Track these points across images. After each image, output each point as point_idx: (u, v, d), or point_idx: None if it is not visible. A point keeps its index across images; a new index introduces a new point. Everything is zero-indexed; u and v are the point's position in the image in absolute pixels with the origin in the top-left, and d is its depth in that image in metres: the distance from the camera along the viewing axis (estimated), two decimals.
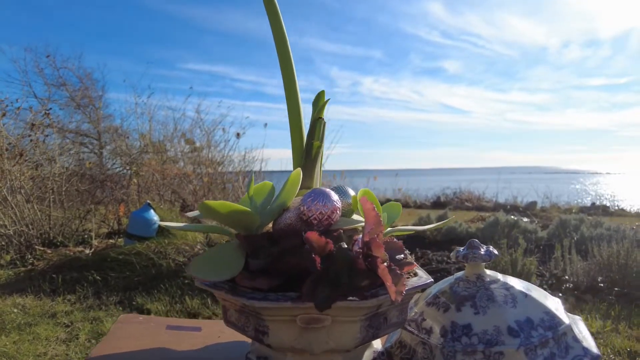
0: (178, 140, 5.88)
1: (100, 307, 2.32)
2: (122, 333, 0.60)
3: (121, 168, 5.53)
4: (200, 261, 0.45)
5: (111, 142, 6.28)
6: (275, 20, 0.59)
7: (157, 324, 0.64)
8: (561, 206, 8.26)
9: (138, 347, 0.56)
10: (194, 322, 0.66)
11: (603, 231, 2.92)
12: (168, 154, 5.68)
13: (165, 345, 0.57)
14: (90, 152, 6.68)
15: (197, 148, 5.75)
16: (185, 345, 0.58)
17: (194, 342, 0.59)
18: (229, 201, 0.45)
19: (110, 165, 6.14)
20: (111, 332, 0.59)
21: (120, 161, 5.71)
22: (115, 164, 6.05)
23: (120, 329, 0.61)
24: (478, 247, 0.54)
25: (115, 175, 4.41)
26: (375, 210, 0.45)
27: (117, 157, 5.99)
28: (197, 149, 5.75)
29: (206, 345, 0.58)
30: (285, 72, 0.60)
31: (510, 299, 0.50)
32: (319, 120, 0.59)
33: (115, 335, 0.58)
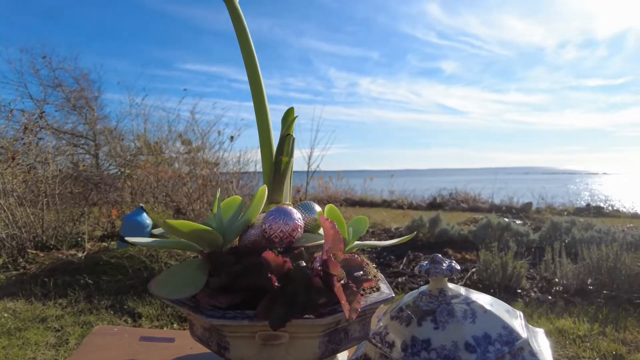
0: (173, 142, 5.89)
1: (92, 311, 2.32)
2: (95, 344, 0.60)
3: (116, 170, 5.54)
4: (163, 278, 0.46)
5: (106, 143, 6.28)
6: (242, 36, 0.60)
7: (130, 335, 0.65)
8: (556, 207, 8.29)
9: (108, 359, 0.57)
10: (167, 332, 0.67)
11: (594, 234, 2.94)
12: (164, 155, 5.68)
13: (135, 356, 0.58)
14: (86, 154, 6.68)
15: (193, 149, 5.76)
16: (155, 357, 0.59)
17: (165, 354, 0.60)
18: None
19: (105, 167, 6.14)
20: (84, 344, 0.60)
21: (115, 163, 5.72)
22: (111, 166, 6.06)
23: (94, 340, 0.61)
24: (440, 262, 0.55)
25: (109, 177, 4.41)
26: (335, 228, 0.46)
27: (112, 158, 5.99)
28: (193, 149, 5.76)
29: (177, 357, 0.59)
30: (254, 88, 0.61)
31: (470, 314, 0.51)
32: (287, 137, 0.61)
33: (87, 347, 0.59)
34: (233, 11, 0.58)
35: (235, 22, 0.59)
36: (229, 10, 0.59)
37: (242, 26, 0.59)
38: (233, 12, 0.58)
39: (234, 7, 0.58)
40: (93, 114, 7.18)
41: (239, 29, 0.59)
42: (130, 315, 2.27)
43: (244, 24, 0.59)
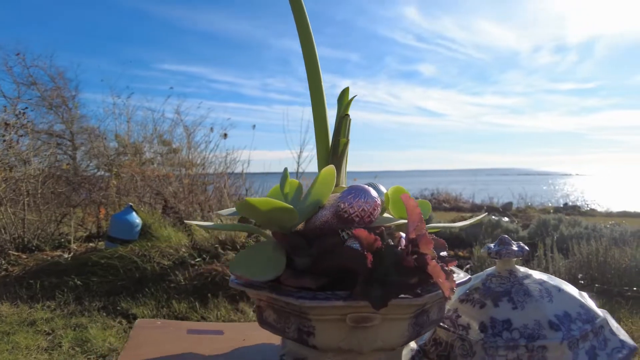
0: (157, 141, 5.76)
1: (83, 313, 2.24)
2: (143, 339, 0.57)
3: (96, 169, 5.37)
4: (242, 260, 0.43)
5: (87, 143, 6.09)
6: (301, 20, 0.58)
7: (176, 328, 0.62)
8: (536, 207, 8.50)
9: (162, 354, 0.53)
10: (214, 325, 0.64)
11: (581, 230, 3.01)
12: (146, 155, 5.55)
13: (189, 350, 0.55)
14: (63, 154, 6.46)
15: (174, 149, 5.65)
16: (209, 349, 0.56)
17: (219, 347, 0.57)
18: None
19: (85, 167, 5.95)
20: (132, 338, 0.56)
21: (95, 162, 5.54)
22: (90, 166, 5.87)
23: (140, 334, 0.58)
24: (509, 243, 0.54)
25: (92, 177, 4.27)
26: (418, 207, 0.44)
27: (92, 158, 5.81)
28: (174, 150, 5.64)
29: (232, 348, 0.56)
30: (310, 71, 0.58)
31: (545, 293, 0.50)
32: (345, 117, 0.59)
33: (136, 341, 0.56)
34: None
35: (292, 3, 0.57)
36: None
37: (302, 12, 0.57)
38: None
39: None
40: (70, 113, 6.96)
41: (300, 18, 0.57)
42: (125, 317, 2.20)
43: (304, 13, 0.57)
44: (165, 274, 2.56)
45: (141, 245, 2.83)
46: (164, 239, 2.96)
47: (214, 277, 2.49)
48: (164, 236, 3.00)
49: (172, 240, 2.94)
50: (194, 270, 2.59)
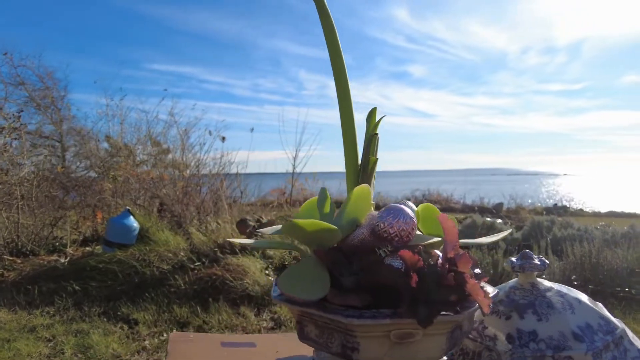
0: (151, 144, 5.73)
1: (83, 318, 2.23)
2: (180, 353, 0.59)
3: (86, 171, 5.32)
4: (290, 279, 0.46)
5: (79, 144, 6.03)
6: (331, 34, 0.60)
7: (209, 341, 0.63)
8: (526, 207, 8.64)
9: None
10: (246, 337, 0.66)
11: (573, 232, 3.08)
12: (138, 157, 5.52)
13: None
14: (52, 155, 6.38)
15: (164, 150, 5.63)
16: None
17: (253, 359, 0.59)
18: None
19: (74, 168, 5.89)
20: (170, 354, 0.58)
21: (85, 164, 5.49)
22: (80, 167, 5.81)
23: (177, 350, 0.60)
24: (532, 258, 0.57)
25: (87, 180, 4.24)
26: (455, 227, 0.47)
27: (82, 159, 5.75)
28: (164, 151, 5.62)
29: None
30: (340, 92, 0.61)
31: (567, 305, 0.53)
32: (374, 137, 0.61)
33: (175, 356, 0.58)
34: (321, 8, 0.58)
35: (322, 20, 0.59)
36: (317, 6, 0.58)
37: (330, 24, 0.59)
38: (321, 9, 0.58)
39: (322, 5, 0.58)
40: (59, 114, 6.89)
41: (327, 28, 0.59)
42: (126, 322, 2.19)
43: (331, 22, 0.59)
44: (164, 278, 2.56)
45: (139, 249, 2.82)
46: (162, 242, 2.96)
47: (214, 281, 2.50)
48: (162, 240, 2.99)
49: (171, 244, 2.93)
50: (194, 274, 2.59)
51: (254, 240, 0.53)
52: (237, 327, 2.14)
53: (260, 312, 2.31)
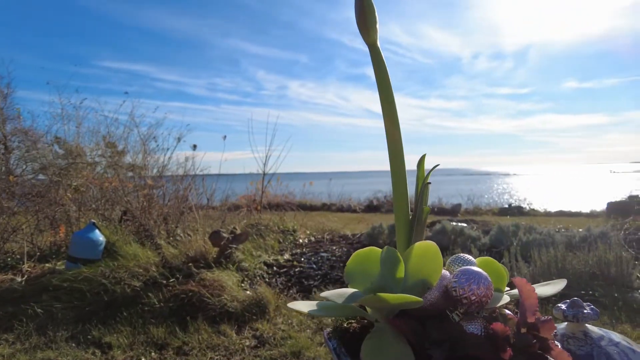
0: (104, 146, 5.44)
1: (49, 345, 2.07)
2: None
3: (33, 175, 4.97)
4: (372, 355, 0.43)
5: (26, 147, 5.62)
6: (386, 91, 0.58)
7: None
8: (483, 207, 9.00)
9: None
10: None
11: (537, 236, 3.24)
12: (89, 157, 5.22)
13: None
14: None
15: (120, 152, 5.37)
16: None
17: None
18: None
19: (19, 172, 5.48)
20: None
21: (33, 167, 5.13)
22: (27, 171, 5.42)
23: None
24: (582, 306, 0.58)
25: (40, 187, 3.95)
26: (534, 290, 0.46)
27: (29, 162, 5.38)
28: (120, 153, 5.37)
29: None
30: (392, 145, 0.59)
31: (624, 355, 0.54)
32: (426, 186, 0.60)
33: None
34: (377, 59, 0.56)
35: (378, 70, 0.57)
36: (373, 57, 0.56)
37: (384, 75, 0.57)
38: (377, 59, 0.56)
39: (378, 55, 0.56)
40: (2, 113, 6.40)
41: (381, 78, 0.57)
42: (98, 346, 2.06)
43: (387, 74, 0.57)
44: (137, 296, 2.43)
45: (107, 265, 2.66)
46: (131, 257, 2.81)
47: (190, 298, 2.40)
48: (131, 254, 2.84)
49: (140, 259, 2.79)
50: (168, 291, 2.48)
51: (318, 305, 0.50)
52: (219, 346, 2.07)
53: (241, 330, 2.24)
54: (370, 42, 0.55)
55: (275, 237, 3.85)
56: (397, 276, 0.50)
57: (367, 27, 0.53)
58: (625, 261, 2.71)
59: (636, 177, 29.12)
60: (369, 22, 0.54)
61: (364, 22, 0.53)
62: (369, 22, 0.53)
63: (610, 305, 2.41)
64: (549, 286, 0.58)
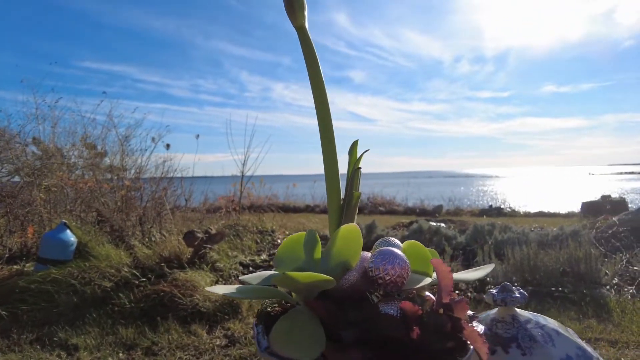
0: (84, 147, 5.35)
1: (12, 348, 2.02)
2: None
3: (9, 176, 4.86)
4: (282, 337, 0.43)
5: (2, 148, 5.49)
6: (315, 73, 0.58)
7: None
8: (464, 209, 9.11)
9: None
10: None
11: (512, 235, 3.28)
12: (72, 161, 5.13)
13: None
14: None
15: (100, 154, 5.29)
16: None
17: None
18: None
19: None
20: None
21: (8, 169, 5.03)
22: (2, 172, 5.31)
23: None
24: (512, 291, 0.59)
25: (13, 187, 3.86)
26: (450, 271, 0.46)
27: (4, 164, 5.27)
28: (100, 154, 5.28)
29: None
30: (322, 124, 0.59)
31: (547, 337, 0.55)
32: (357, 171, 0.60)
33: None
34: (305, 42, 0.56)
35: (306, 53, 0.56)
36: (301, 40, 0.56)
37: (313, 58, 0.57)
38: (305, 42, 0.56)
39: (306, 38, 0.56)
40: None
41: (310, 61, 0.57)
42: (64, 348, 2.01)
43: (315, 56, 0.57)
44: (107, 297, 2.39)
45: (78, 265, 2.61)
46: (103, 257, 2.76)
47: (162, 298, 2.37)
48: (103, 255, 2.79)
49: (112, 259, 2.74)
50: (140, 291, 2.44)
51: (236, 288, 0.50)
52: (188, 346, 2.04)
53: (212, 330, 2.22)
54: (297, 25, 0.55)
55: (252, 237, 3.82)
56: (315, 257, 0.50)
57: (293, 10, 0.53)
58: (594, 258, 2.77)
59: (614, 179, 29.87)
60: (296, 5, 0.54)
61: (290, 5, 0.53)
62: (295, 5, 0.53)
63: (579, 301, 2.46)
64: (479, 271, 0.59)
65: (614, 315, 2.29)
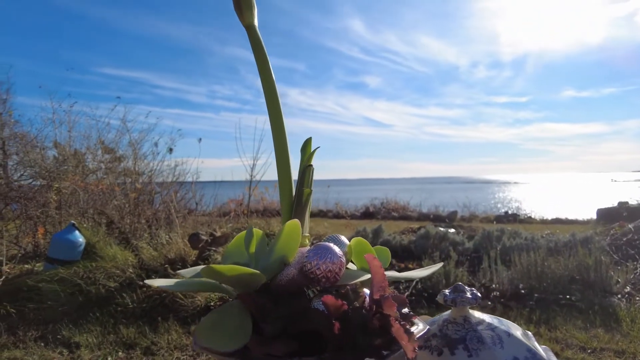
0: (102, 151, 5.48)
1: (17, 345, 2.07)
2: None
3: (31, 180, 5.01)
4: (207, 329, 0.43)
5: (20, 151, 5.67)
6: (264, 68, 0.58)
7: None
8: (479, 215, 8.96)
9: None
10: None
11: (521, 241, 3.22)
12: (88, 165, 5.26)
13: None
14: None
15: (117, 158, 5.40)
16: None
17: None
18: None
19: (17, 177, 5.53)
20: None
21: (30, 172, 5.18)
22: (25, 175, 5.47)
23: None
24: (464, 291, 0.57)
25: (29, 190, 3.98)
26: (382, 267, 0.46)
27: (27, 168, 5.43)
28: (117, 159, 5.40)
29: None
30: (273, 120, 0.59)
31: (497, 339, 0.54)
32: (308, 168, 0.60)
33: None
34: (255, 40, 0.57)
35: (256, 51, 0.57)
36: (250, 38, 0.57)
37: (263, 55, 0.57)
38: (254, 41, 0.57)
39: (255, 36, 0.57)
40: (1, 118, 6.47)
41: (260, 58, 0.57)
42: (66, 346, 2.06)
43: (265, 54, 0.57)
44: (111, 297, 2.43)
45: (84, 266, 2.67)
46: (109, 258, 2.81)
47: (163, 299, 2.40)
48: (109, 255, 2.85)
49: (118, 260, 2.79)
50: (143, 292, 2.48)
51: (175, 281, 0.50)
52: (187, 347, 2.06)
53: None
54: (246, 23, 0.55)
55: None
56: (251, 252, 0.50)
57: (241, 8, 0.54)
58: (605, 265, 2.69)
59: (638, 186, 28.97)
60: (244, 3, 0.54)
61: (238, 4, 0.54)
62: (243, 3, 0.54)
63: (586, 309, 2.38)
64: (428, 270, 0.58)
65: (623, 324, 2.22)
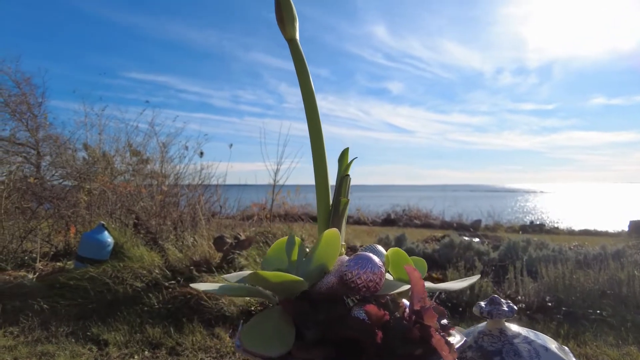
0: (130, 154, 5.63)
1: (50, 339, 2.14)
2: None
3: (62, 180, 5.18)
4: (252, 333, 0.44)
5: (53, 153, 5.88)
6: (306, 84, 0.60)
7: None
8: (503, 224, 8.77)
9: None
10: None
11: (548, 252, 3.14)
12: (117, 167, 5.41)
13: None
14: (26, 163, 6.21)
15: (144, 161, 5.54)
16: None
17: None
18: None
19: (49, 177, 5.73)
20: None
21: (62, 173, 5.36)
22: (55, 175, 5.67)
23: None
24: (500, 303, 0.57)
25: (62, 191, 4.12)
26: (422, 279, 0.47)
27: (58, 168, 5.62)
28: (144, 161, 5.53)
29: None
30: (312, 129, 0.61)
31: (534, 353, 0.53)
32: (345, 178, 0.61)
33: None
34: (296, 54, 0.58)
35: (297, 64, 0.59)
36: (292, 52, 0.58)
37: (304, 69, 0.59)
38: (296, 54, 0.58)
39: (297, 50, 0.58)
40: (36, 120, 6.73)
41: (301, 71, 0.59)
42: (95, 343, 2.12)
43: (306, 67, 0.59)
44: (138, 296, 2.49)
45: (113, 265, 2.74)
46: (137, 259, 2.89)
47: (188, 301, 2.44)
48: (137, 256, 2.92)
49: (145, 261, 2.86)
50: (168, 293, 2.53)
51: (219, 286, 0.52)
52: (211, 348, 2.09)
53: (235, 334, 2.26)
54: (288, 37, 0.57)
55: None
56: (292, 259, 0.52)
57: (283, 23, 0.56)
58: (638, 280, 2.60)
59: None
60: (286, 18, 0.56)
61: (280, 18, 0.56)
62: (285, 18, 0.56)
63: (618, 326, 2.30)
64: (465, 282, 0.58)
65: None
